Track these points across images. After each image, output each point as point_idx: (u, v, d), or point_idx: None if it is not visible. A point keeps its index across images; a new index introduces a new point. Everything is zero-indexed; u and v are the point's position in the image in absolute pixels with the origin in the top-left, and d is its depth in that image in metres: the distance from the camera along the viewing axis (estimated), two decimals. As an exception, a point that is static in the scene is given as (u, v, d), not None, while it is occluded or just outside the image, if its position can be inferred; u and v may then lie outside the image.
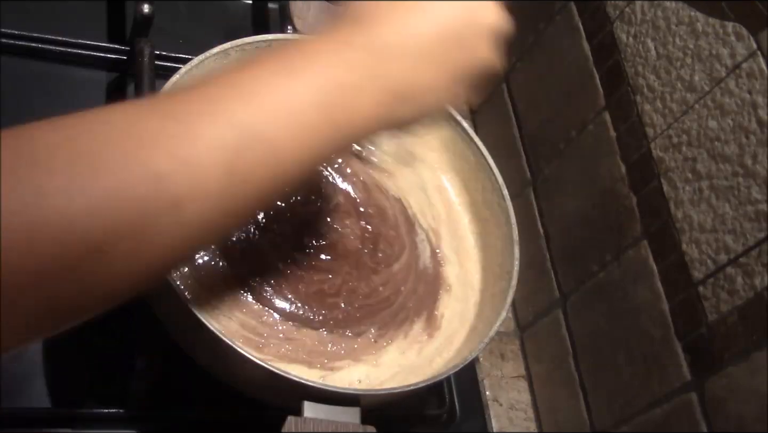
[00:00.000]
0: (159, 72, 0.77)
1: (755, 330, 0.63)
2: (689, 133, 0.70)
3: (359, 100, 0.45)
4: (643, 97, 0.75)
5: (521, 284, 0.70)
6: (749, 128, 0.65)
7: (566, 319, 0.83)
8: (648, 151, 0.74)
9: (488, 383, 0.85)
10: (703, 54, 0.69)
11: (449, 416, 0.78)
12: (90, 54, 0.81)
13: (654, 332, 0.72)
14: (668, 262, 0.71)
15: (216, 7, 0.90)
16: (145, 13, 0.77)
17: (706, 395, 0.66)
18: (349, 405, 0.59)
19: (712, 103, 0.68)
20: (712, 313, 0.66)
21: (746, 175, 0.65)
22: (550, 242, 0.86)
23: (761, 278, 0.62)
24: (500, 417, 0.84)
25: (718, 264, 0.66)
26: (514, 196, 0.76)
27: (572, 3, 0.85)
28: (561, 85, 0.86)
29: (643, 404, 0.72)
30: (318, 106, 0.43)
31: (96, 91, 0.80)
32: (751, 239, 0.64)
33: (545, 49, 0.89)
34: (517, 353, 0.88)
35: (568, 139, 0.84)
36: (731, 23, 0.67)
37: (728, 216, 0.66)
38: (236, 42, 0.69)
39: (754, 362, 0.62)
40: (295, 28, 0.83)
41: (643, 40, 0.75)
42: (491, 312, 0.70)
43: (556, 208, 0.86)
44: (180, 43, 0.83)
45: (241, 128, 0.40)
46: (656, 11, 0.74)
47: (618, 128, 0.78)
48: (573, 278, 0.83)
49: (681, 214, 0.70)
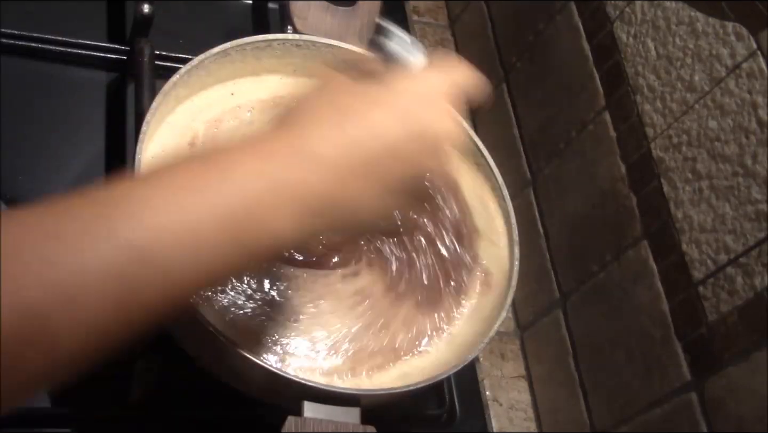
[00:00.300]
0: (159, 72, 0.77)
1: (755, 330, 0.63)
2: (689, 133, 0.70)
3: (270, 217, 0.43)
4: (643, 97, 0.75)
5: (521, 284, 0.70)
6: (749, 128, 0.65)
7: (566, 319, 0.83)
8: (648, 151, 0.74)
9: (488, 383, 0.85)
10: (703, 54, 0.69)
11: (449, 416, 0.78)
12: (90, 54, 0.81)
13: (654, 332, 0.72)
14: (668, 262, 0.71)
15: (216, 7, 0.90)
16: (145, 13, 0.77)
17: (706, 395, 0.66)
18: (349, 405, 0.59)
19: (712, 103, 0.68)
20: (712, 313, 0.66)
21: (746, 175, 0.65)
22: (550, 242, 0.86)
23: (761, 278, 0.62)
24: (500, 417, 0.84)
25: (718, 264, 0.66)
26: (514, 197, 0.76)
27: (572, 3, 0.85)
28: (561, 86, 0.86)
29: (643, 404, 0.72)
30: (219, 224, 0.41)
31: (96, 91, 0.80)
32: (751, 239, 0.64)
33: (545, 49, 0.89)
34: (517, 353, 0.88)
35: (568, 139, 0.84)
36: (731, 23, 0.67)
37: (728, 216, 0.66)
38: (236, 42, 0.69)
39: (754, 362, 0.62)
40: (295, 28, 0.83)
41: (643, 40, 0.75)
42: (491, 312, 0.70)
43: (556, 209, 0.86)
44: (180, 43, 0.83)
45: (129, 250, 0.37)
46: (656, 11, 0.74)
47: (618, 128, 0.78)
48: (573, 278, 0.83)
49: (681, 215, 0.70)
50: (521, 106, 0.93)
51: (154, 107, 0.64)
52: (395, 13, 1.00)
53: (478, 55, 1.01)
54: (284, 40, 0.73)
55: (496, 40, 0.98)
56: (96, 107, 0.80)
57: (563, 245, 0.85)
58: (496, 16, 0.99)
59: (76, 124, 0.78)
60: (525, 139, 0.91)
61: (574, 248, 0.83)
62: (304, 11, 0.84)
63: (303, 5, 0.84)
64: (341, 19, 0.85)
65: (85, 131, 0.78)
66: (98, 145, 0.78)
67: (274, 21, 0.89)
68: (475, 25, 1.02)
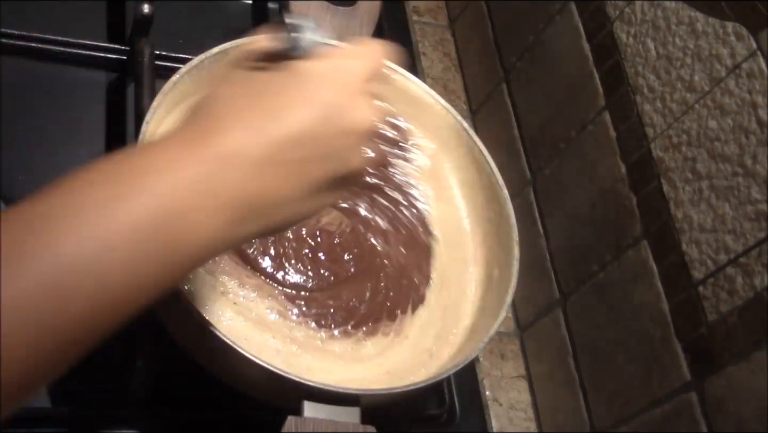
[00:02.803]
0: (159, 72, 0.77)
1: (755, 330, 0.63)
2: (689, 133, 0.70)
3: (194, 222, 0.41)
4: (643, 97, 0.75)
5: (521, 284, 0.70)
6: (749, 128, 0.65)
7: (566, 319, 0.83)
8: (648, 151, 0.74)
9: (488, 383, 0.85)
10: (703, 54, 0.69)
11: (449, 416, 0.78)
12: (90, 54, 0.81)
13: (654, 332, 0.72)
14: (668, 262, 0.71)
15: (216, 7, 0.90)
16: (145, 13, 0.77)
17: (706, 395, 0.66)
18: (349, 405, 0.59)
19: (712, 103, 0.68)
20: (712, 313, 0.66)
21: (746, 175, 0.65)
22: (550, 242, 0.86)
23: (761, 278, 0.62)
24: (500, 417, 0.84)
25: (718, 264, 0.66)
26: (514, 196, 0.76)
27: (572, 3, 0.85)
28: (561, 85, 0.86)
29: (643, 404, 0.72)
30: (141, 233, 0.39)
31: (96, 91, 0.80)
32: (751, 239, 0.64)
33: (545, 49, 0.89)
34: (517, 353, 0.88)
35: (568, 139, 0.84)
36: (731, 23, 0.67)
37: (728, 216, 0.66)
38: (236, 42, 0.69)
39: (754, 362, 0.62)
40: (295, 28, 0.83)
41: (643, 40, 0.75)
42: (491, 312, 0.70)
43: (556, 209, 0.86)
44: (180, 43, 0.83)
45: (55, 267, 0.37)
46: (656, 11, 0.74)
47: (618, 128, 0.78)
48: (573, 278, 0.83)
49: (681, 215, 0.70)
50: (521, 106, 0.93)
51: (154, 107, 0.64)
52: (395, 13, 1.00)
53: (478, 55, 1.01)
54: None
55: (496, 40, 0.98)
56: (96, 107, 0.80)
57: (563, 245, 0.85)
58: (496, 16, 0.99)
59: (76, 124, 0.78)
60: (525, 139, 0.91)
61: (574, 248, 0.83)
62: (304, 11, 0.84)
63: (303, 5, 0.84)
64: (341, 19, 0.85)
65: (85, 131, 0.78)
66: (98, 145, 0.78)
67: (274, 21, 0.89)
68: (475, 25, 1.02)
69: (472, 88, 1.02)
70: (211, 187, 0.42)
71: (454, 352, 0.70)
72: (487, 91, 0.98)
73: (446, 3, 1.08)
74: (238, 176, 0.42)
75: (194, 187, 0.41)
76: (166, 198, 0.40)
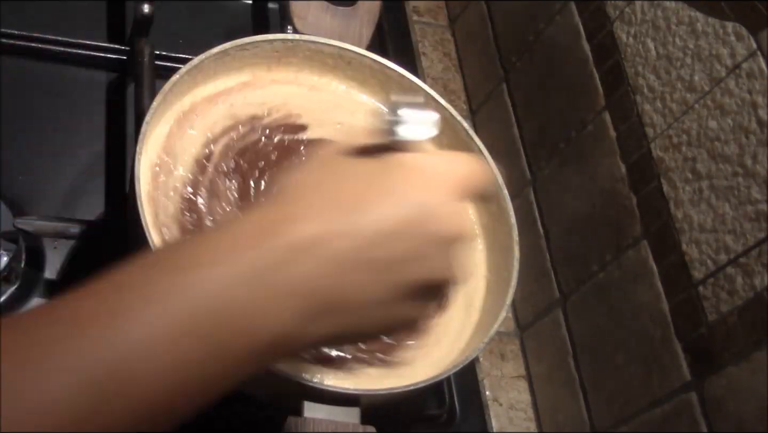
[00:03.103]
0: (159, 72, 0.77)
1: (755, 330, 0.63)
2: (689, 133, 0.70)
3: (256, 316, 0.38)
4: (643, 97, 0.75)
5: (521, 284, 0.70)
6: (749, 128, 0.65)
7: (566, 319, 0.83)
8: (648, 151, 0.74)
9: (488, 383, 0.85)
10: (703, 54, 0.69)
11: (449, 416, 0.78)
12: (90, 54, 0.81)
13: (654, 332, 0.72)
14: (668, 262, 0.71)
15: (216, 7, 0.90)
16: (145, 13, 0.77)
17: (706, 395, 0.66)
18: (349, 405, 0.59)
19: (712, 103, 0.68)
20: (712, 313, 0.66)
21: (746, 175, 0.65)
22: (550, 242, 0.86)
23: (761, 278, 0.62)
24: (500, 417, 0.84)
25: (718, 264, 0.66)
26: (514, 197, 0.76)
27: (572, 3, 0.85)
28: (561, 86, 0.86)
29: (643, 404, 0.72)
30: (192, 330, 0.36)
31: (96, 91, 0.81)
32: (751, 239, 0.64)
33: (545, 49, 0.89)
34: (517, 353, 0.88)
35: (568, 139, 0.84)
36: (731, 23, 0.67)
37: (728, 216, 0.66)
38: (236, 42, 0.69)
39: (754, 362, 0.62)
40: (295, 28, 0.83)
41: (643, 40, 0.75)
42: (491, 312, 0.70)
43: (556, 209, 0.86)
44: (180, 43, 0.83)
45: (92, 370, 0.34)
46: (656, 11, 0.74)
47: (618, 128, 0.78)
48: (573, 278, 0.83)
49: (681, 215, 0.70)
50: (521, 106, 0.93)
51: (154, 107, 0.64)
52: (395, 13, 1.00)
53: (478, 55, 1.01)
54: (284, 40, 0.73)
55: (496, 40, 0.98)
56: (96, 107, 0.80)
57: (563, 245, 0.85)
58: (496, 16, 0.99)
59: (76, 124, 0.78)
60: (525, 139, 0.92)
61: (574, 248, 0.83)
62: (304, 11, 0.84)
63: (303, 5, 0.84)
64: (341, 19, 0.85)
65: (85, 131, 0.78)
66: (98, 145, 0.78)
67: (274, 21, 0.89)
68: (475, 25, 1.02)
69: (472, 88, 1.02)
70: (281, 278, 0.38)
71: (454, 352, 0.70)
72: (487, 91, 0.98)
73: (446, 3, 1.08)
74: (313, 267, 0.39)
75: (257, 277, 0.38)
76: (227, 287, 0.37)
